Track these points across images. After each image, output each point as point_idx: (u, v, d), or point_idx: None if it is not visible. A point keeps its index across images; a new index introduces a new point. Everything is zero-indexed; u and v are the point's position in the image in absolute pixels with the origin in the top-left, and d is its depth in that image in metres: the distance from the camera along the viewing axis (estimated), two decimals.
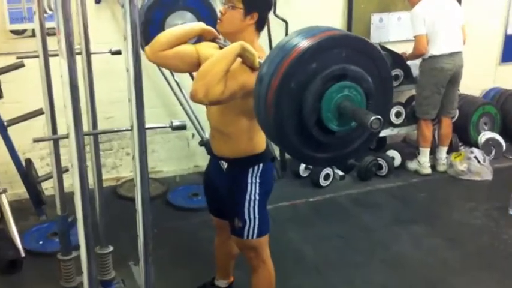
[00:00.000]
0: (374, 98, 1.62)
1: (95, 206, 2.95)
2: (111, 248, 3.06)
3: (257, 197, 2.52)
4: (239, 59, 2.15)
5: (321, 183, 4.63)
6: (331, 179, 4.72)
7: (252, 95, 1.92)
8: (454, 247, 3.72)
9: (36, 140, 1.69)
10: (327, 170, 4.67)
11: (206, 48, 2.44)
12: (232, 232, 2.58)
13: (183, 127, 1.73)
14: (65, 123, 1.59)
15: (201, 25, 2.48)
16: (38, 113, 3.22)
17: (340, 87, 1.55)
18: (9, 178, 3.62)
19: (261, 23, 2.39)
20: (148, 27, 2.92)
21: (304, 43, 1.54)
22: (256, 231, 2.53)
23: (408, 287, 3.25)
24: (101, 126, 2.98)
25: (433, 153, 5.07)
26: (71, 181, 1.66)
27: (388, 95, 1.74)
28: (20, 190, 3.68)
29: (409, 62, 4.98)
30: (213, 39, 2.48)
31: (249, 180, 2.51)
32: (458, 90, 4.97)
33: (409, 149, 5.37)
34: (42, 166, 4.10)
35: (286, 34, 4.69)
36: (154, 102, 4.45)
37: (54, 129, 2.70)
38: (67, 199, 2.82)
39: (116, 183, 4.58)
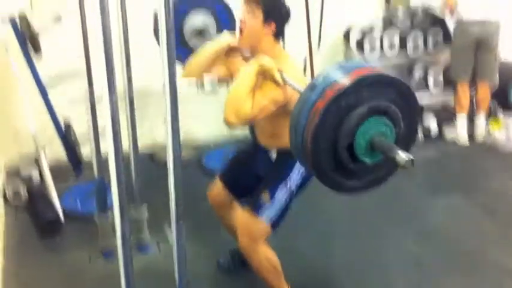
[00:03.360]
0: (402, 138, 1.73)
1: (130, 169, 3.01)
2: (145, 211, 3.12)
3: (294, 188, 2.53)
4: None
5: None
6: None
7: (285, 108, 2.20)
8: (493, 218, 3.66)
9: (71, 103, 1.72)
10: None
11: (234, 63, 2.57)
12: (250, 205, 2.54)
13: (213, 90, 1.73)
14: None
15: (227, 42, 2.56)
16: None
17: (378, 123, 1.65)
18: (49, 139, 3.68)
19: (279, 32, 2.46)
20: None
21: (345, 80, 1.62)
22: (273, 218, 2.49)
23: (444, 259, 3.20)
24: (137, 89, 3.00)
25: (471, 121, 4.97)
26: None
27: (413, 132, 1.84)
28: (59, 152, 3.73)
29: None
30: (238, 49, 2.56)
31: (296, 169, 2.51)
32: (498, 57, 4.84)
33: (447, 117, 5.26)
34: (81, 126, 4.14)
35: (322, 1, 4.60)
36: None
37: (91, 88, 2.74)
38: (104, 162, 2.89)
39: (152, 148, 4.62)
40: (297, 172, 2.52)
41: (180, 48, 3.01)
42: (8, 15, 3.33)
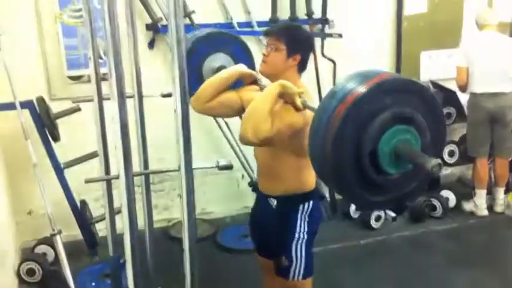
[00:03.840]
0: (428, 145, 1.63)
1: (145, 246, 2.99)
2: None
3: (305, 236, 2.51)
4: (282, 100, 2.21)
5: (372, 225, 4.54)
6: (382, 220, 4.62)
7: (299, 134, 1.96)
8: None
9: (88, 181, 1.75)
10: (378, 212, 4.59)
11: (248, 92, 2.52)
12: (278, 272, 2.55)
13: (229, 167, 1.76)
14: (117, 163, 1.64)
15: (239, 69, 2.55)
16: (93, 155, 3.33)
17: (402, 130, 1.57)
18: (64, 219, 3.70)
19: (303, 64, 2.44)
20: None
21: (363, 87, 1.55)
22: (302, 271, 2.50)
23: None
24: (153, 167, 3.04)
25: (490, 193, 4.92)
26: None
27: (441, 142, 1.76)
28: (74, 231, 3.76)
29: (462, 100, 4.90)
30: (253, 82, 2.54)
31: (299, 218, 2.50)
32: None
33: (464, 189, 5.21)
34: (97, 207, 4.19)
35: (334, 74, 4.71)
36: (202, 143, 4.51)
37: (107, 171, 2.77)
38: (120, 240, 2.88)
39: (167, 224, 4.62)
40: (301, 220, 2.50)
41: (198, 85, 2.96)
42: (27, 101, 3.46)
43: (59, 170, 3.49)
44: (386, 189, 1.67)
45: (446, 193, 4.99)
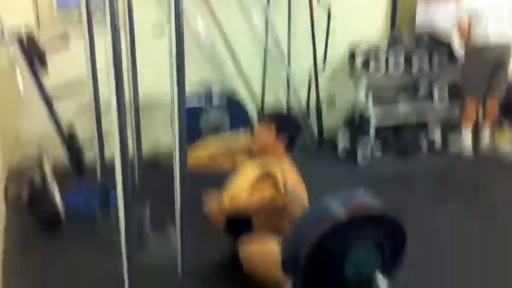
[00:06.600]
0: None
1: (134, 174, 3.00)
2: (148, 212, 3.12)
3: None
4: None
5: (359, 162, 4.63)
6: (369, 157, 4.68)
7: (280, 213, 2.40)
8: (494, 229, 3.63)
9: (78, 111, 1.72)
10: (365, 149, 4.65)
11: (242, 159, 2.73)
12: None
13: None
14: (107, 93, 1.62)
15: (242, 143, 2.79)
16: (81, 82, 3.27)
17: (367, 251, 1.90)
18: (51, 141, 3.68)
19: (290, 145, 2.66)
20: None
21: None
22: None
23: (443, 266, 3.20)
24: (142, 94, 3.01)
25: (476, 132, 4.97)
26: (111, 149, 1.68)
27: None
28: (61, 154, 3.74)
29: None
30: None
31: None
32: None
33: (451, 128, 5.25)
34: (85, 131, 4.15)
35: (329, 21, 4.67)
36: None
37: (96, 99, 2.76)
38: (107, 167, 2.89)
39: (155, 152, 4.62)
40: None
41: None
42: (15, 34, 3.37)
43: (46, 99, 3.45)
44: None
45: (433, 131, 5.03)
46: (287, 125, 2.67)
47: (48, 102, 3.45)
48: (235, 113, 3.24)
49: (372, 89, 4.84)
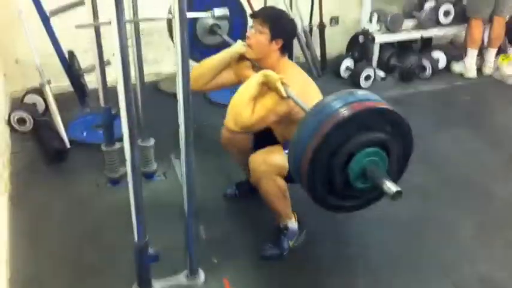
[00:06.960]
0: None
1: (136, 99, 2.99)
2: (152, 141, 3.13)
3: None
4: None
5: (362, 84, 4.57)
6: (372, 79, 4.64)
7: (284, 120, 2.33)
8: (496, 151, 3.67)
9: (78, 27, 1.68)
10: (368, 72, 4.59)
11: (243, 69, 2.66)
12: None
13: (225, 16, 1.70)
14: (106, 13, 1.58)
15: (239, 51, 2.64)
16: (80, 3, 3.19)
17: (371, 153, 1.79)
18: (53, 71, 3.64)
19: (286, 49, 2.54)
20: None
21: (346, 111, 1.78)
22: None
23: (447, 189, 3.25)
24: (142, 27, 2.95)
25: (480, 55, 4.91)
26: (113, 75, 1.66)
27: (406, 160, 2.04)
28: (64, 83, 3.72)
29: None
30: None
31: None
32: None
33: (456, 51, 5.19)
34: (85, 59, 4.11)
35: None
36: None
37: (95, 18, 2.70)
38: (109, 93, 2.87)
39: (156, 78, 4.60)
40: None
41: (195, 47, 3.18)
42: None
43: (44, 18, 3.36)
44: (354, 197, 1.94)
45: (437, 54, 4.98)
46: (281, 29, 2.51)
47: (45, 21, 3.36)
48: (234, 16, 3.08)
49: (376, 8, 4.74)
